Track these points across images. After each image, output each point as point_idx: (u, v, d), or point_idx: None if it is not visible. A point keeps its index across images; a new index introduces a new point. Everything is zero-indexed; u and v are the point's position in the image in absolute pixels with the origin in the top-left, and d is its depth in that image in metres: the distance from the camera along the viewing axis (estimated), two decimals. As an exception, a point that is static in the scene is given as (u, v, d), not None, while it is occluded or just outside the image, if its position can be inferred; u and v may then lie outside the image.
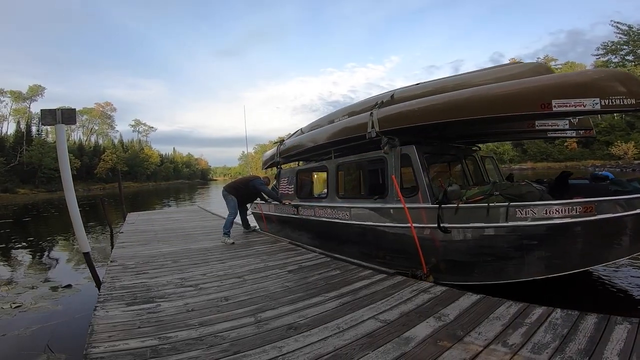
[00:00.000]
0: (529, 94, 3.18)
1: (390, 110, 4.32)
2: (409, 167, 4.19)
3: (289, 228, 6.57)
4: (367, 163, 5.14)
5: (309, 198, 6.32)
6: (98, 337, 2.23)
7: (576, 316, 2.20)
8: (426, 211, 3.89)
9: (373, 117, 4.37)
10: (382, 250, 4.44)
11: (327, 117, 6.48)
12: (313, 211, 5.65)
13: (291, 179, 6.62)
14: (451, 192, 3.80)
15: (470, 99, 3.54)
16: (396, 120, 4.17)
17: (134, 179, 74.76)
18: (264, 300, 2.89)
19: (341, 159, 5.41)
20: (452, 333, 2.13)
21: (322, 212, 5.41)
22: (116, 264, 4.32)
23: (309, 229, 5.91)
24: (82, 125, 78.82)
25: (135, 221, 9.38)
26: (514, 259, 3.45)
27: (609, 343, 1.86)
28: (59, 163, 3.82)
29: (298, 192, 6.43)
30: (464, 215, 3.62)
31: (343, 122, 5.28)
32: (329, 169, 5.53)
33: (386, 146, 4.16)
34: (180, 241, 5.96)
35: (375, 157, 4.73)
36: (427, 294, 2.82)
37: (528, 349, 1.89)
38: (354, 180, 5.93)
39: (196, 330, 2.33)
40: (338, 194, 5.35)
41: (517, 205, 3.36)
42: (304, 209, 5.94)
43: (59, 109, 3.83)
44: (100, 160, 68.43)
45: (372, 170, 5.48)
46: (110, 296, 3.09)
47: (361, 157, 5.03)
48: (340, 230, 5.06)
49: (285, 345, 2.07)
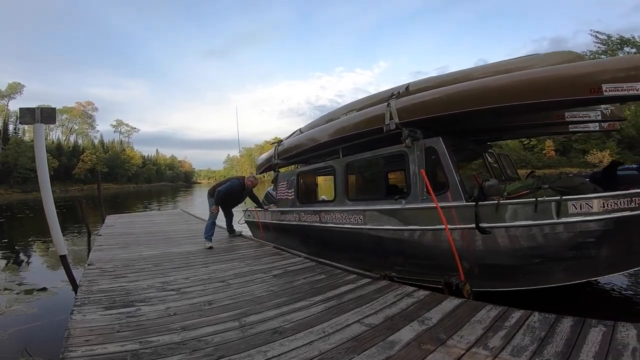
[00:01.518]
0: (578, 78, 2.92)
1: (411, 100, 3.90)
2: (436, 161, 3.74)
3: (289, 236, 5.98)
4: (383, 160, 4.60)
5: (313, 202, 5.71)
6: (75, 341, 2.16)
7: (553, 319, 2.27)
8: (459, 210, 3.46)
9: (391, 108, 3.93)
10: (404, 257, 3.96)
11: (327, 116, 6.05)
12: (318, 217, 5.07)
13: (291, 183, 5.99)
14: (489, 188, 3.44)
15: (511, 84, 3.20)
16: (419, 109, 3.76)
17: (114, 181, 73.08)
18: (249, 305, 2.86)
19: (351, 157, 4.83)
20: (435, 336, 2.16)
21: (329, 217, 4.85)
22: (94, 267, 4.19)
23: (313, 237, 5.30)
24: (62, 124, 76.71)
25: (115, 224, 9.15)
26: (568, 260, 3.10)
27: (584, 345, 1.92)
28: (37, 163, 3.70)
29: (299, 197, 5.82)
30: (507, 212, 3.23)
31: (354, 116, 4.75)
32: (336, 169, 4.97)
33: (407, 139, 3.76)
34: (161, 244, 5.84)
35: (393, 153, 4.19)
36: (411, 298, 2.85)
37: (508, 351, 1.93)
38: (367, 180, 5.28)
39: (178, 334, 2.28)
40: (348, 196, 4.82)
41: (570, 198, 3.00)
42: (306, 215, 5.35)
43: (38, 107, 3.73)
44: (79, 161, 66.61)
45: (390, 167, 5.05)
46: (88, 300, 2.99)
47: (376, 153, 4.47)
48: (351, 237, 4.53)
49: (271, 349, 2.05)
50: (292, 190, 5.92)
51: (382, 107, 4.09)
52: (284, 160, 6.44)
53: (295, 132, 6.75)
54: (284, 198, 6.12)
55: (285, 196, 6.09)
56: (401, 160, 4.11)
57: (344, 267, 3.93)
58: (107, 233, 7.41)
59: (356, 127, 4.49)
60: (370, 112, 4.36)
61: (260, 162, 7.49)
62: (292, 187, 5.93)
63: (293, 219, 5.70)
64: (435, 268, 3.56)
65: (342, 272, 3.81)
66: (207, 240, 5.59)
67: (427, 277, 3.54)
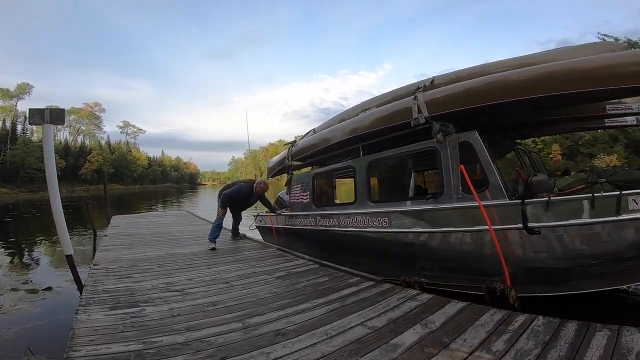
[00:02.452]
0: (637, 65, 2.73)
1: (443, 92, 3.67)
2: (471, 157, 3.47)
3: (304, 242, 5.67)
4: (410, 157, 4.31)
5: (331, 206, 5.35)
6: (79, 340, 2.18)
7: (557, 323, 2.25)
8: (501, 209, 3.18)
9: (419, 101, 3.69)
10: (436, 262, 3.68)
11: (341, 115, 5.78)
12: (337, 221, 4.78)
13: (306, 185, 5.68)
14: (538, 184, 3.19)
15: (563, 72, 2.97)
16: (453, 102, 3.51)
17: (120, 181, 73.66)
18: (252, 306, 2.87)
19: (373, 156, 4.51)
20: (438, 340, 2.15)
21: (350, 221, 4.56)
22: (99, 267, 4.22)
23: (331, 242, 5.00)
24: (69, 125, 77.60)
25: (120, 224, 9.22)
26: (628, 260, 2.87)
27: (589, 349, 1.91)
28: (45, 163, 3.75)
29: (316, 200, 5.50)
30: (559, 210, 2.96)
31: (375, 112, 4.46)
32: (356, 169, 4.66)
33: (439, 134, 3.50)
34: (166, 245, 5.87)
35: (422, 149, 3.89)
36: (414, 301, 2.84)
37: (511, 355, 1.92)
38: (392, 179, 4.93)
39: (182, 335, 2.30)
40: (370, 197, 4.50)
41: (631, 193, 2.78)
42: (324, 219, 5.06)
43: (48, 108, 3.78)
44: (86, 161, 67.20)
45: (417, 165, 4.75)
46: (93, 300, 3.02)
47: (401, 151, 4.15)
48: (374, 242, 4.23)
49: (273, 351, 2.06)
50: (307, 193, 5.63)
51: (408, 100, 3.84)
52: (298, 161, 6.15)
53: (309, 133, 6.47)
54: (299, 201, 5.83)
55: (300, 199, 5.79)
56: (431, 157, 3.85)
57: (347, 270, 3.93)
58: (113, 233, 7.47)
59: (379, 123, 4.20)
60: (394, 107, 4.08)
61: (272, 164, 7.18)
62: (307, 190, 5.64)
63: (309, 223, 5.42)
64: (473, 273, 3.33)
65: (346, 274, 3.81)
66: (210, 242, 5.58)
67: (462, 283, 3.33)
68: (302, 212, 5.67)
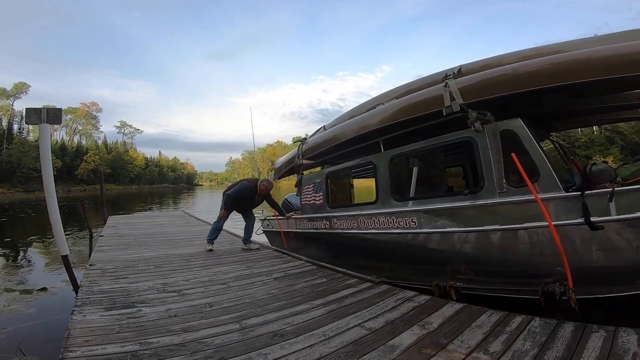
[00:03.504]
0: None
1: (478, 78, 3.35)
2: (515, 146, 3.12)
3: (317, 247, 5.32)
4: (441, 150, 3.90)
5: (348, 206, 4.97)
6: (75, 341, 2.16)
7: (554, 324, 2.26)
8: (556, 203, 2.87)
9: (450, 88, 3.39)
10: (476, 264, 3.33)
11: (351, 112, 5.40)
12: (355, 222, 4.42)
13: (319, 185, 5.28)
14: (600, 173, 2.92)
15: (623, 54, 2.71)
16: (492, 87, 3.19)
17: (117, 182, 73.35)
18: (249, 307, 2.86)
19: (396, 150, 4.13)
20: (435, 341, 2.15)
21: (371, 222, 4.19)
22: (95, 268, 4.20)
23: (348, 246, 4.63)
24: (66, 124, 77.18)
25: (116, 224, 9.18)
26: None
27: (585, 351, 1.91)
28: (41, 163, 3.73)
29: (330, 201, 5.09)
30: (626, 201, 2.66)
31: (398, 102, 4.08)
32: (377, 165, 4.29)
33: (477, 122, 3.21)
34: (163, 246, 5.85)
35: (455, 140, 3.57)
36: (412, 303, 2.85)
37: (508, 356, 1.93)
38: (420, 175, 4.34)
39: (179, 336, 2.29)
40: (395, 195, 4.10)
41: None
42: (340, 221, 4.69)
43: (44, 108, 3.76)
44: (83, 161, 66.90)
45: (452, 158, 4.38)
46: (88, 300, 3.00)
47: (429, 143, 3.77)
48: (400, 245, 3.90)
49: (271, 352, 2.05)
50: (320, 193, 5.23)
51: (438, 88, 3.54)
52: (309, 160, 5.67)
53: (319, 130, 6.08)
54: (311, 203, 5.41)
55: (312, 201, 5.37)
56: (468, 147, 3.52)
57: (344, 271, 3.93)
58: (109, 234, 7.43)
59: (404, 114, 3.82)
60: (422, 96, 3.75)
61: (279, 165, 6.70)
62: (320, 190, 5.24)
63: (322, 226, 5.05)
64: (521, 276, 3.03)
65: (343, 275, 3.81)
66: (208, 243, 5.49)
67: (506, 287, 3.03)
68: (314, 215, 5.31)
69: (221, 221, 5.64)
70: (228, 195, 5.60)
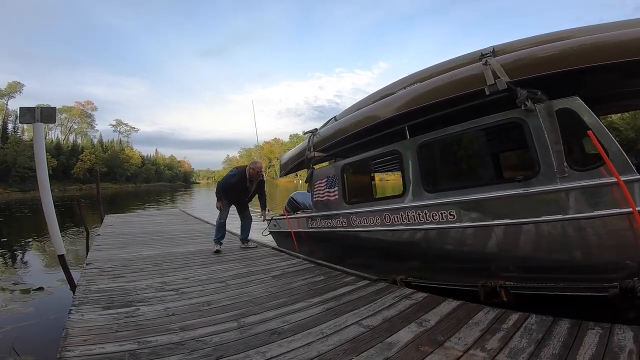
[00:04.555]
0: None
1: (527, 54, 3.10)
2: (574, 127, 2.86)
3: (333, 248, 4.89)
4: (484, 133, 3.48)
5: (369, 201, 4.56)
6: (73, 340, 2.16)
7: (550, 321, 2.27)
8: (631, 187, 2.57)
9: (492, 66, 3.11)
10: (532, 261, 2.96)
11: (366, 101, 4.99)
12: (378, 219, 4.04)
13: (334, 179, 4.84)
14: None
15: None
16: (544, 63, 2.91)
17: (113, 180, 73.01)
18: (248, 305, 2.86)
19: (427, 136, 3.73)
20: (433, 338, 2.16)
21: (398, 217, 3.81)
22: (92, 267, 4.18)
23: (370, 246, 4.24)
24: (61, 124, 76.75)
25: (113, 223, 9.14)
26: None
27: (581, 348, 1.93)
28: (36, 162, 3.72)
29: (347, 196, 4.67)
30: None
31: (427, 84, 3.72)
32: (403, 153, 3.90)
33: (527, 101, 2.92)
34: (160, 245, 5.84)
35: (502, 122, 3.20)
36: (410, 300, 2.86)
37: (505, 353, 1.94)
38: (456, 162, 3.94)
39: (177, 334, 2.29)
40: (427, 186, 3.69)
41: None
42: (359, 218, 4.30)
43: (38, 107, 3.74)
44: (78, 160, 66.52)
45: (496, 142, 4.05)
46: (86, 299, 2.99)
47: (469, 126, 3.38)
48: (436, 242, 3.54)
49: (269, 350, 2.06)
50: (335, 188, 4.80)
51: (475, 67, 3.28)
52: (322, 152, 5.19)
53: (330, 121, 5.64)
54: (324, 200, 4.98)
55: (326, 197, 4.95)
56: (515, 130, 3.22)
57: (342, 269, 3.93)
58: (106, 233, 7.40)
59: (436, 95, 3.47)
60: (457, 75, 3.42)
61: (285, 160, 6.23)
62: (335, 185, 4.81)
63: (339, 224, 4.66)
64: (589, 271, 2.70)
65: (341, 273, 3.82)
66: (215, 244, 5.22)
67: (572, 285, 2.72)
68: (329, 212, 4.88)
69: (222, 216, 5.33)
70: (218, 185, 5.43)
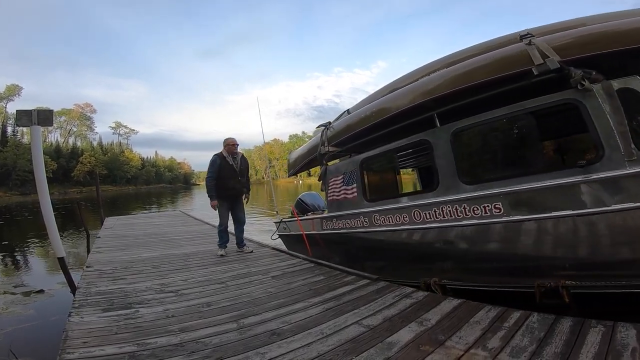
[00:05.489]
0: None
1: (582, 32, 2.92)
2: (636, 106, 2.65)
3: (353, 251, 4.52)
4: (533, 116, 3.11)
5: (393, 197, 4.09)
6: (73, 342, 2.15)
7: (552, 320, 2.25)
8: None
9: (539, 45, 2.91)
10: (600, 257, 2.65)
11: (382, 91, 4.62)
12: (407, 216, 3.69)
13: (351, 176, 4.48)
14: None
15: None
16: (603, 41, 2.75)
17: (113, 183, 73.08)
18: (247, 306, 2.85)
19: (462, 122, 3.39)
20: (434, 337, 2.15)
21: (430, 214, 3.48)
22: (92, 269, 4.17)
23: (396, 247, 3.87)
24: (60, 126, 76.81)
25: (114, 226, 9.13)
26: None
27: (584, 346, 1.91)
28: (34, 165, 3.71)
29: (367, 193, 4.33)
30: None
31: (461, 66, 3.43)
32: (434, 143, 3.57)
33: (584, 81, 2.70)
34: (160, 246, 5.83)
35: (555, 103, 2.95)
36: (410, 299, 2.85)
37: (507, 352, 1.93)
38: (501, 149, 3.52)
39: (177, 336, 2.28)
40: (464, 177, 3.35)
41: None
42: (383, 217, 3.93)
43: (35, 109, 3.74)
44: (78, 163, 66.58)
45: (549, 125, 3.73)
46: (86, 302, 2.98)
47: (515, 109, 3.06)
48: (477, 241, 3.19)
49: (269, 351, 2.04)
50: (353, 185, 4.44)
51: (516, 47, 3.08)
52: (337, 146, 4.81)
53: (343, 115, 5.28)
54: (341, 198, 4.63)
55: (343, 195, 4.60)
56: (569, 112, 3.01)
57: (342, 268, 3.92)
58: (106, 235, 7.39)
59: (472, 77, 3.20)
60: (496, 56, 3.18)
61: (294, 158, 5.86)
62: (352, 182, 4.45)
63: (358, 224, 4.29)
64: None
65: (341, 273, 3.80)
66: (219, 248, 5.02)
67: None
68: (346, 212, 4.52)
69: (222, 222, 5.06)
70: (206, 181, 5.08)
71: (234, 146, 5.07)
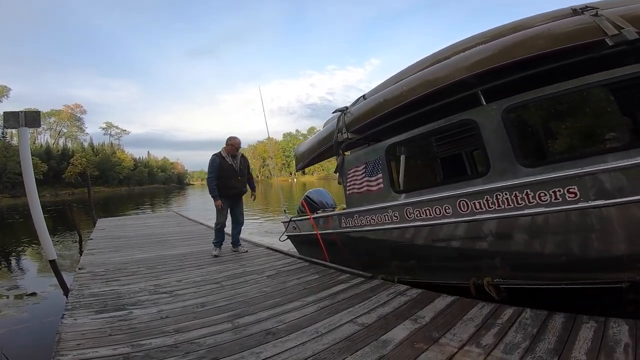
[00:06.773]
0: None
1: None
2: None
3: (380, 252, 3.98)
4: (609, 89, 2.69)
5: (429, 187, 3.52)
6: (66, 345, 2.13)
7: (545, 316, 2.28)
8: None
9: (608, 17, 2.58)
10: None
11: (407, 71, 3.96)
12: (449, 208, 3.17)
13: (375, 165, 3.95)
14: None
15: None
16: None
17: (105, 184, 72.29)
18: (242, 306, 2.85)
19: (516, 98, 2.88)
20: (428, 335, 2.16)
21: (482, 203, 2.94)
22: (85, 271, 4.13)
23: (436, 245, 3.35)
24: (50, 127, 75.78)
25: (106, 227, 9.04)
26: None
27: (576, 342, 1.94)
28: (22, 167, 3.67)
29: (396, 183, 3.80)
30: None
31: (516, 36, 2.91)
32: (481, 123, 3.07)
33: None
34: (154, 247, 5.78)
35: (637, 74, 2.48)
36: (404, 297, 2.86)
37: (500, 349, 1.95)
38: (571, 125, 3.13)
39: (171, 337, 2.26)
40: (524, 159, 2.82)
41: None
42: (417, 210, 3.41)
43: (23, 111, 3.69)
44: (69, 164, 65.74)
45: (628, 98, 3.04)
46: (79, 304, 2.95)
47: (587, 81, 2.61)
48: (543, 232, 2.68)
49: (264, 350, 2.04)
50: (377, 175, 3.92)
51: (582, 19, 2.72)
52: (357, 133, 4.18)
53: (359, 100, 4.62)
54: (363, 191, 4.08)
55: (365, 187, 4.06)
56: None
57: (336, 267, 3.93)
58: (99, 237, 7.31)
59: (530, 49, 2.75)
60: (559, 27, 2.76)
61: (302, 150, 5.31)
62: (377, 172, 3.93)
63: (386, 220, 3.76)
64: None
65: (335, 271, 3.81)
66: (214, 247, 5.01)
67: None
68: (370, 207, 3.97)
69: (219, 220, 4.99)
70: (207, 181, 4.99)
71: (236, 148, 5.01)
